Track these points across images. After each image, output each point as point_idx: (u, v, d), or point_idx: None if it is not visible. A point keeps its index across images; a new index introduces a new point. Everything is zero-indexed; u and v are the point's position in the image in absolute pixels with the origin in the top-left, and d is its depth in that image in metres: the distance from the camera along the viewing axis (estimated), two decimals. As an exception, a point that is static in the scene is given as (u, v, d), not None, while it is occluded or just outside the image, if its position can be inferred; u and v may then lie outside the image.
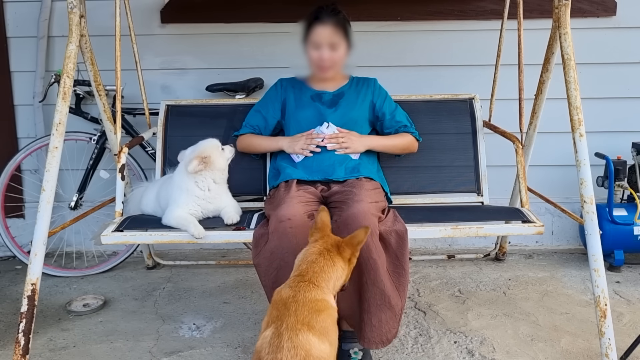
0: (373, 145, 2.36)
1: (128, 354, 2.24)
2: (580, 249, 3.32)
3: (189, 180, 2.17)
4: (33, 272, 1.97)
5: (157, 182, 2.45)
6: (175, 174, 2.25)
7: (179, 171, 2.23)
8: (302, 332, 1.43)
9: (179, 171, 2.23)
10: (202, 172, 2.16)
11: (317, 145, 2.27)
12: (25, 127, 3.30)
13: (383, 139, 2.41)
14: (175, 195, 2.17)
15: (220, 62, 3.21)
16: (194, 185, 2.17)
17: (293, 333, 1.42)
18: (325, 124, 2.32)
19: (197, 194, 2.16)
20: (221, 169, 2.23)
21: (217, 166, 2.20)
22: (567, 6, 2.06)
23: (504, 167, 2.88)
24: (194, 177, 2.16)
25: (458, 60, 3.18)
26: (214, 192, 2.20)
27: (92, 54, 2.35)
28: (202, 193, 2.17)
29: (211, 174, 2.19)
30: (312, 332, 1.45)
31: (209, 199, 2.18)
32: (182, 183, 2.18)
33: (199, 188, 2.17)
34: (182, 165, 2.22)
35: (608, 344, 1.93)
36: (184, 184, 2.18)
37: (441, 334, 2.36)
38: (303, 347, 1.41)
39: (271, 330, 1.46)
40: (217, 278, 3.00)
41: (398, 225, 1.98)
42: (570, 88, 2.02)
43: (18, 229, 3.26)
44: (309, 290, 1.52)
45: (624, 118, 3.24)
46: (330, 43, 2.25)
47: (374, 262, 1.87)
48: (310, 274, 1.56)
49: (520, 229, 2.15)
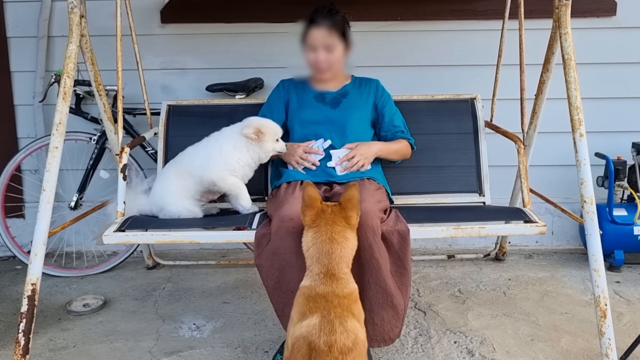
0: (380, 152, 2.34)
1: (128, 354, 2.24)
2: (580, 249, 3.32)
3: (242, 142, 2.18)
4: (33, 272, 1.97)
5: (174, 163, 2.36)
6: (225, 133, 2.23)
7: (231, 131, 2.22)
8: (350, 319, 1.57)
9: (232, 131, 2.21)
10: (251, 143, 2.17)
11: (312, 162, 2.26)
12: (25, 127, 3.30)
13: (387, 145, 2.38)
14: (226, 155, 2.17)
15: (220, 62, 3.21)
16: (245, 149, 2.18)
17: (343, 319, 1.56)
18: (321, 140, 2.30)
19: (246, 162, 2.19)
20: (266, 152, 2.21)
21: (265, 148, 2.19)
22: (567, 6, 2.06)
23: (505, 167, 2.88)
24: (245, 143, 2.17)
25: (458, 60, 3.18)
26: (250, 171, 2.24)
27: (92, 54, 2.35)
28: (251, 162, 2.20)
29: (254, 151, 2.19)
30: (355, 318, 1.60)
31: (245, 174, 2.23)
32: (235, 142, 2.18)
33: (250, 156, 2.19)
34: (236, 128, 2.21)
35: (608, 344, 1.93)
36: (237, 143, 2.18)
37: (441, 334, 2.36)
38: (353, 331, 1.55)
39: (317, 318, 1.56)
40: (217, 278, 3.00)
41: (400, 226, 1.98)
42: (570, 88, 2.02)
43: (18, 229, 3.26)
44: (342, 286, 1.64)
45: (624, 118, 3.24)
46: (325, 45, 2.25)
47: (376, 261, 1.87)
48: (335, 268, 1.65)
49: (523, 229, 2.15)
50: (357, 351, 1.53)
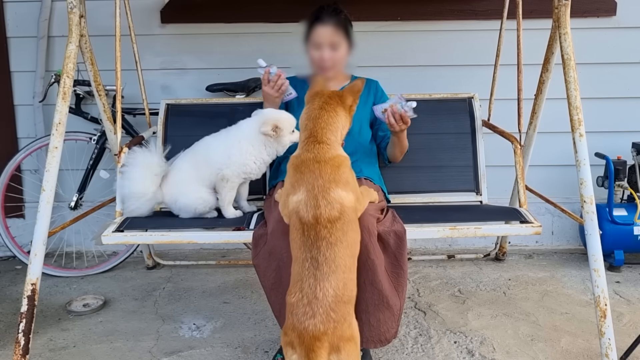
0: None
1: (128, 354, 2.24)
2: (580, 249, 3.32)
3: (260, 140, 2.13)
4: (33, 272, 1.97)
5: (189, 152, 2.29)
6: (243, 129, 2.18)
7: (249, 128, 2.16)
8: (332, 189, 1.66)
9: (250, 128, 2.16)
10: (269, 140, 2.12)
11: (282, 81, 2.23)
12: (25, 127, 3.31)
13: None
14: (245, 156, 2.13)
15: (220, 62, 3.21)
16: (263, 147, 2.14)
17: (325, 193, 1.65)
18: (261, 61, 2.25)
19: (263, 159, 2.16)
20: (284, 146, 2.16)
21: (282, 142, 2.14)
22: (567, 6, 2.06)
23: (505, 167, 2.87)
24: (264, 140, 2.13)
25: (458, 60, 3.18)
26: (265, 167, 2.21)
27: (92, 54, 2.35)
28: (268, 159, 2.17)
29: (271, 147, 2.15)
30: (338, 186, 1.67)
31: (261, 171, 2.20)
32: (254, 141, 2.14)
33: (267, 153, 2.15)
34: (254, 123, 2.15)
35: (608, 344, 1.93)
36: (255, 142, 2.13)
37: (441, 334, 2.36)
38: (337, 201, 1.64)
39: (303, 193, 1.66)
40: (217, 278, 3.00)
41: (397, 226, 1.98)
42: (570, 88, 2.02)
43: (18, 229, 3.26)
44: (324, 150, 1.73)
45: (624, 118, 3.24)
46: (331, 43, 2.25)
47: (372, 262, 1.87)
48: (320, 132, 1.75)
49: (518, 230, 2.15)
50: (344, 218, 1.63)
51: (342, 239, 1.61)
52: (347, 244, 1.63)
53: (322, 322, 1.51)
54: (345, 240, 1.62)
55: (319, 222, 1.61)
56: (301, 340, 1.51)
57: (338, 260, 1.58)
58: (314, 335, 1.50)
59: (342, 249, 1.60)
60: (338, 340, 1.52)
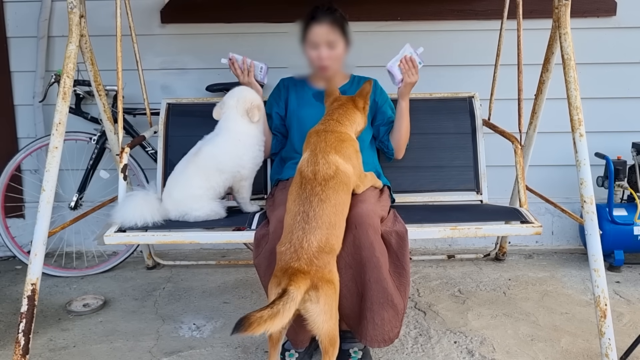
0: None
1: (128, 354, 2.24)
2: (580, 249, 3.32)
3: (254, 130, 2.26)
4: (33, 272, 1.97)
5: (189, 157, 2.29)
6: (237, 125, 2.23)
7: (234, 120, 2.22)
8: (332, 153, 1.88)
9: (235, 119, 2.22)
10: (255, 118, 2.23)
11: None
12: (25, 127, 3.31)
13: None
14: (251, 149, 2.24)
15: (220, 62, 3.21)
16: (255, 128, 2.26)
17: (325, 153, 1.88)
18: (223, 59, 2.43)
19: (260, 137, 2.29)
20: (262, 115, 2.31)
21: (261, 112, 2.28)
22: (567, 6, 2.06)
23: (505, 167, 2.88)
24: (256, 127, 2.26)
25: (458, 60, 3.18)
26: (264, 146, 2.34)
27: (92, 54, 2.35)
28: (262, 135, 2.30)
29: (260, 123, 2.28)
30: (338, 154, 1.89)
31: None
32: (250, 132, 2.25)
33: (259, 130, 2.28)
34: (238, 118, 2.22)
35: (608, 344, 1.93)
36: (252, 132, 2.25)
37: (441, 334, 2.36)
38: (334, 163, 1.86)
39: (308, 153, 1.91)
40: (217, 278, 3.00)
41: (398, 226, 1.98)
42: (570, 88, 2.02)
43: (18, 229, 3.26)
44: (335, 125, 2.01)
45: (624, 118, 3.24)
46: (327, 41, 2.25)
47: (377, 260, 1.87)
48: (337, 115, 2.04)
49: (519, 230, 2.15)
50: (337, 178, 1.83)
51: (332, 197, 1.79)
52: (336, 202, 1.80)
53: (306, 264, 1.67)
54: (335, 199, 1.79)
55: (315, 178, 1.81)
56: (286, 274, 1.66)
57: (325, 218, 1.74)
58: (298, 269, 1.66)
59: (330, 207, 1.77)
60: (318, 280, 1.67)
